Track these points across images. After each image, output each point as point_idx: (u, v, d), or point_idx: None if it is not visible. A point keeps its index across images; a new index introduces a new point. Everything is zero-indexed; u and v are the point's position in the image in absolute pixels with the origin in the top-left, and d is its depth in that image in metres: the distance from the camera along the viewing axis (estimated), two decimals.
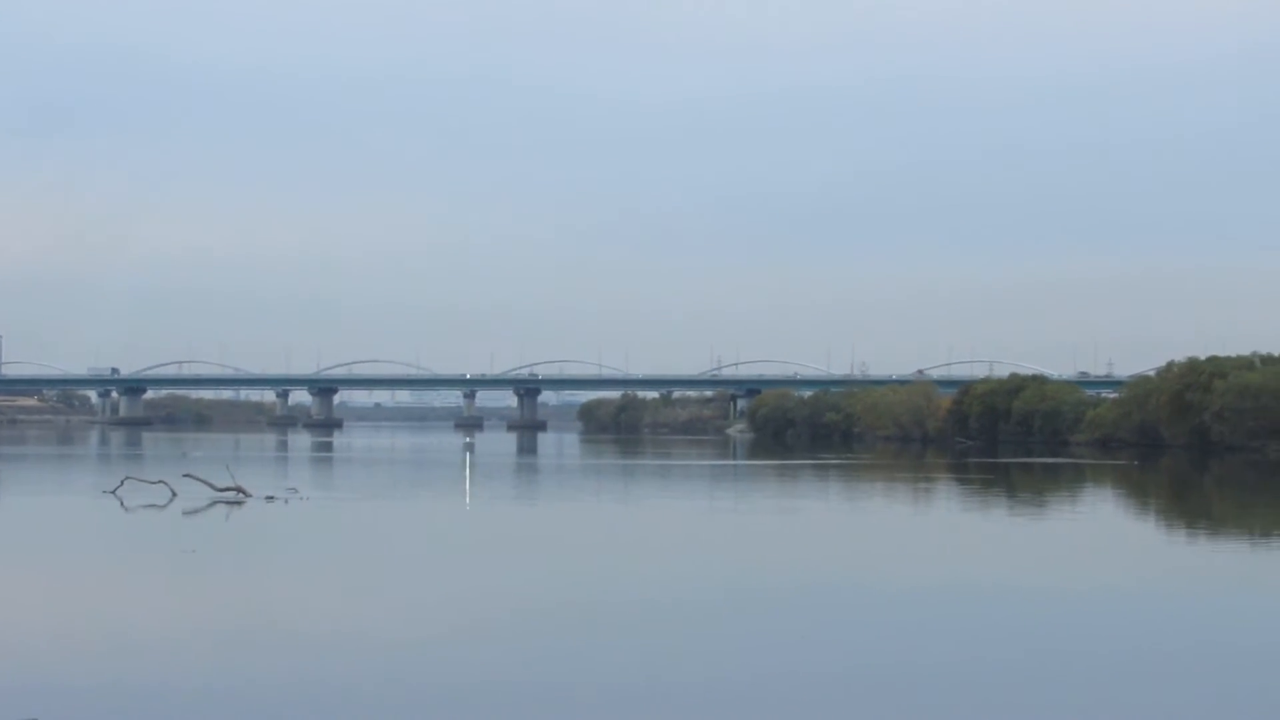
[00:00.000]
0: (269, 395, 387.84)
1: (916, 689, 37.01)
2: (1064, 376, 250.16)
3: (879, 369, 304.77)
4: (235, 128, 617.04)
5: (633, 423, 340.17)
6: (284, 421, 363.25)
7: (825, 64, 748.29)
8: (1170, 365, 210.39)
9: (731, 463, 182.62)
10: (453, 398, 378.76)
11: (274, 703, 36.37)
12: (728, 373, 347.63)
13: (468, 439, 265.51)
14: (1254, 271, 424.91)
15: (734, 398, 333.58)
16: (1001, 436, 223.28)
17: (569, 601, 59.16)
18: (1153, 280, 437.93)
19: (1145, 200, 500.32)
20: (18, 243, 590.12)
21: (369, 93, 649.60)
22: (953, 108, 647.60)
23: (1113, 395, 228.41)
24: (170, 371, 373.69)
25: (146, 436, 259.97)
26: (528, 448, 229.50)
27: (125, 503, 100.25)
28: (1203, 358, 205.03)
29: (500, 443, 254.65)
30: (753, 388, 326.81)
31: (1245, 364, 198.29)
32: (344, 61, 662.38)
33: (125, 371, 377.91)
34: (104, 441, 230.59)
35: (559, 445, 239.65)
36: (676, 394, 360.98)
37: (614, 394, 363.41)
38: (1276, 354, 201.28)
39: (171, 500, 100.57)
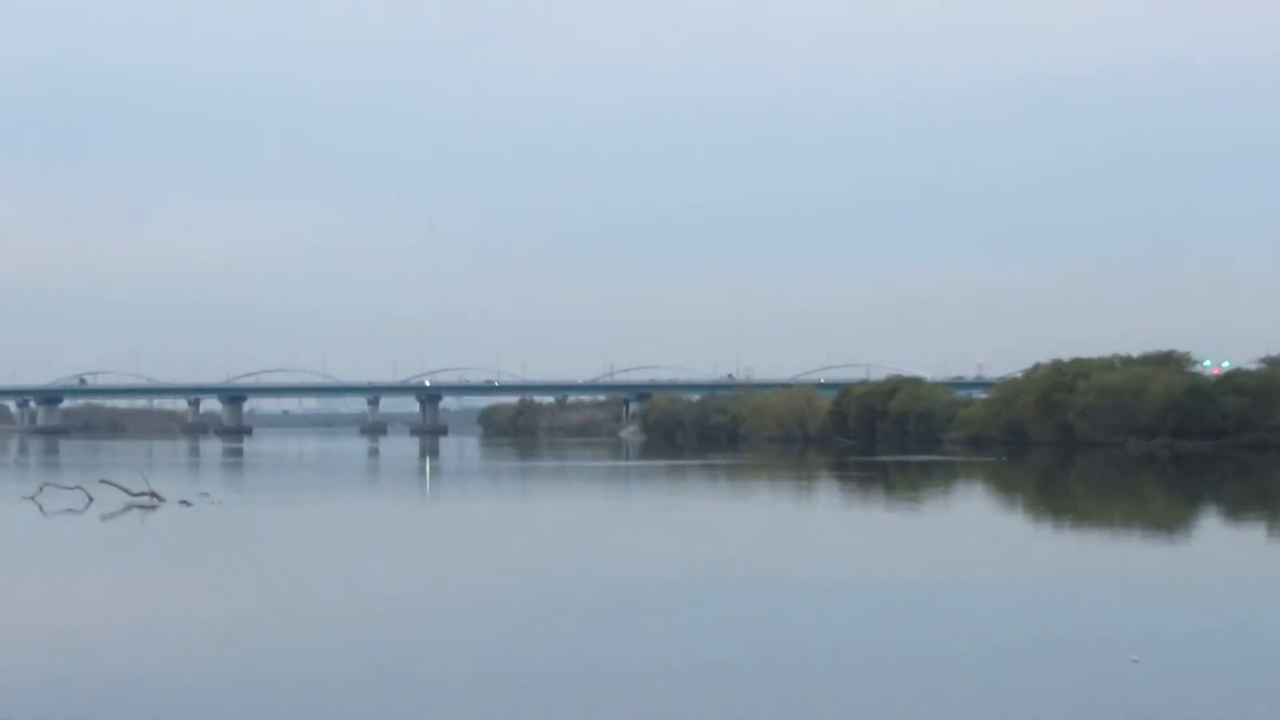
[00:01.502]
0: (181, 403, 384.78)
1: (792, 677, 39.12)
2: (938, 379, 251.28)
3: (763, 374, 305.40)
4: (148, 138, 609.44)
5: (530, 426, 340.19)
6: (196, 429, 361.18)
7: (700, 76, 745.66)
8: (1037, 367, 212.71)
9: (624, 463, 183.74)
10: (358, 404, 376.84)
11: (169, 690, 38.34)
12: (620, 378, 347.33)
13: (372, 442, 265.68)
14: (1113, 281, 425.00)
15: (626, 402, 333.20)
16: (879, 436, 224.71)
17: (461, 595, 61.39)
18: (1020, 291, 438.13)
19: (1013, 217, 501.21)
20: None
21: (274, 104, 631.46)
22: (825, 129, 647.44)
23: (983, 396, 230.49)
24: (86, 381, 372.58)
25: (64, 445, 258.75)
26: (430, 451, 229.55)
27: (44, 508, 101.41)
28: (1067, 360, 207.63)
29: (404, 447, 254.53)
30: (644, 392, 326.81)
31: (1106, 365, 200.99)
32: (249, 72, 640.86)
33: (40, 382, 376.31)
34: (23, 450, 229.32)
35: (460, 449, 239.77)
36: (571, 398, 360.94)
37: (512, 399, 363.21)
38: (1135, 356, 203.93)
39: (89, 505, 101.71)
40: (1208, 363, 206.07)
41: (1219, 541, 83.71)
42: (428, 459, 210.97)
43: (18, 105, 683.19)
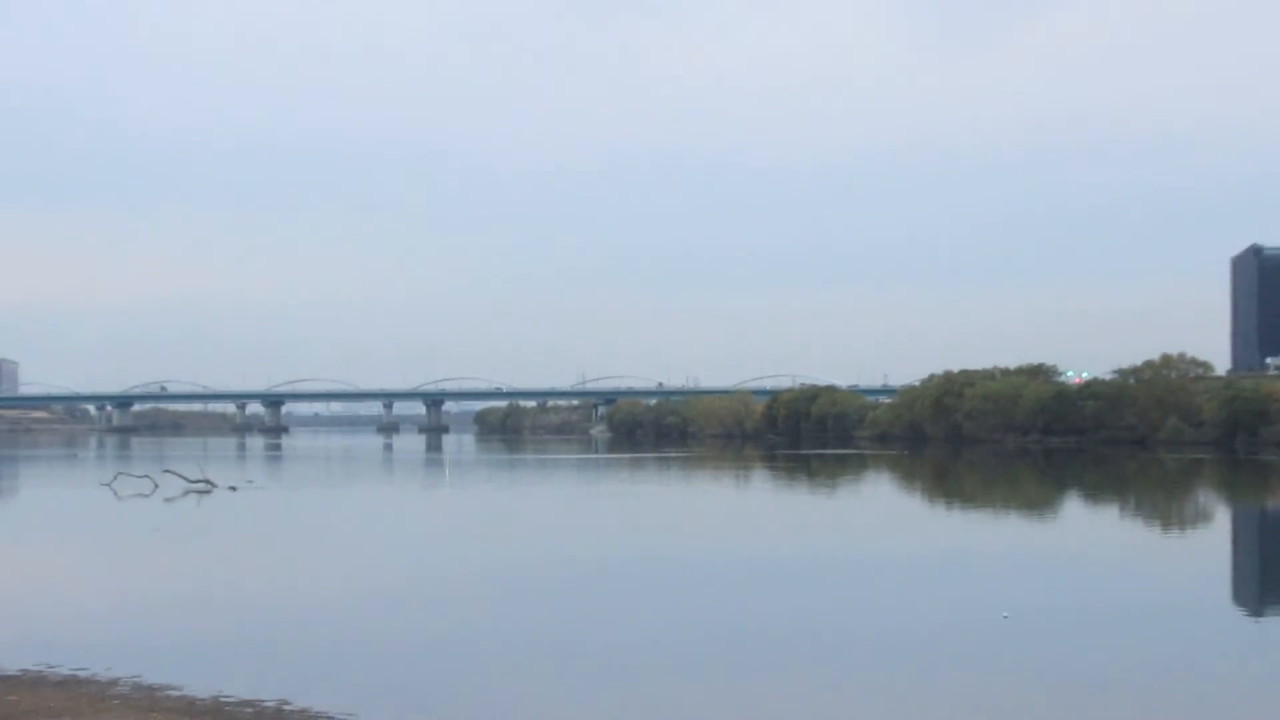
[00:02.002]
0: (230, 407, 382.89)
1: (744, 638, 39.46)
2: (851, 386, 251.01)
3: (708, 382, 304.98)
4: (214, 199, 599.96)
5: (516, 426, 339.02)
6: (242, 428, 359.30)
7: (679, 138, 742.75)
8: (932, 376, 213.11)
9: (594, 456, 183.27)
10: (375, 407, 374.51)
11: (223, 642, 38.56)
12: (590, 386, 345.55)
13: (387, 440, 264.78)
14: (990, 303, 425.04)
15: (595, 405, 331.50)
16: (803, 433, 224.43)
17: (465, 567, 61.67)
18: (917, 310, 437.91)
19: (898, 251, 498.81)
20: (32, 281, 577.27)
21: (318, 167, 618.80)
22: (775, 189, 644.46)
23: (888, 400, 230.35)
24: (153, 389, 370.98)
25: (134, 441, 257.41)
26: (435, 447, 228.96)
27: (118, 493, 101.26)
28: (956, 370, 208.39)
29: (413, 443, 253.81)
30: (610, 397, 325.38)
31: (988, 375, 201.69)
32: (283, 136, 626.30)
33: (116, 389, 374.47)
34: (101, 446, 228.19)
35: (459, 445, 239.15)
36: (550, 403, 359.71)
37: (501, 403, 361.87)
38: (1012, 367, 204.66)
39: (154, 490, 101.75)
40: (1070, 374, 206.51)
41: (1078, 519, 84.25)
42: (433, 453, 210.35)
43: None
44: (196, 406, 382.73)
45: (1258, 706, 29.24)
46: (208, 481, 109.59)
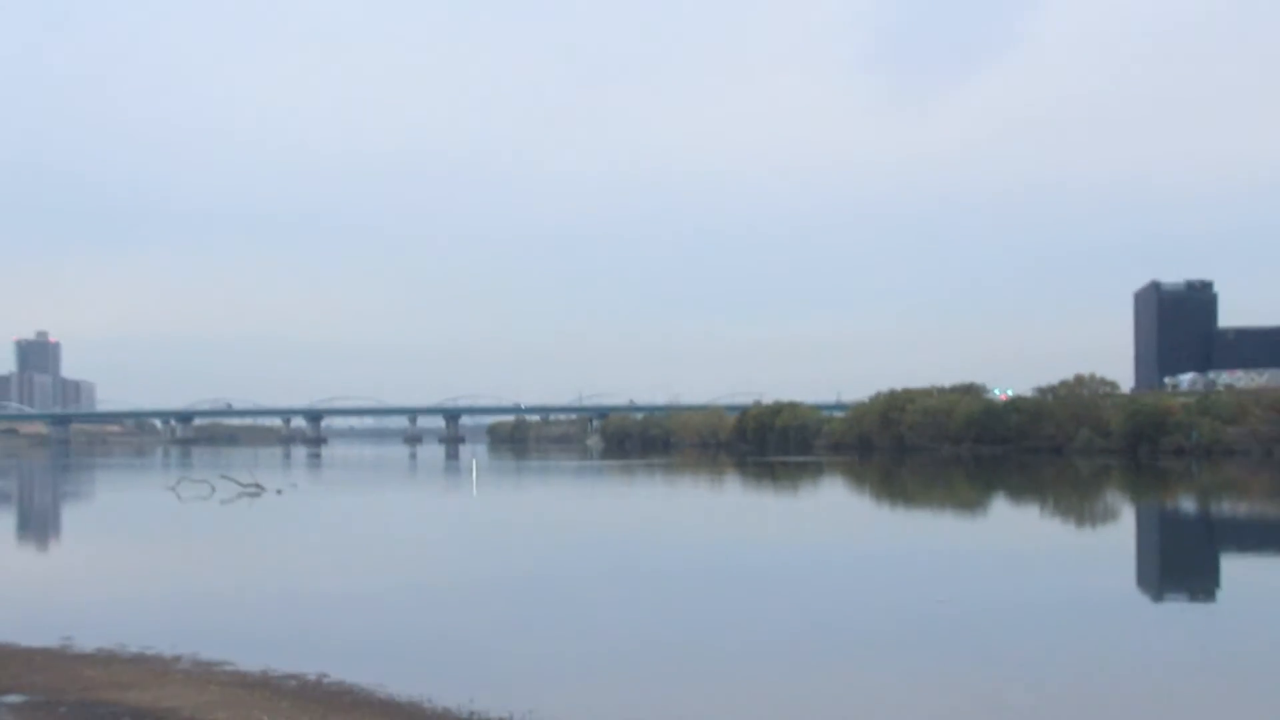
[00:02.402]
0: (277, 421, 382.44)
1: (716, 590, 39.51)
2: (810, 402, 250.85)
3: (688, 399, 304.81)
4: (263, 248, 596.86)
5: (523, 437, 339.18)
6: (287, 439, 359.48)
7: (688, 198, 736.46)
8: (879, 394, 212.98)
9: (590, 463, 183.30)
10: (401, 421, 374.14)
11: (264, 618, 38.67)
12: (587, 402, 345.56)
13: (412, 450, 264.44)
14: (932, 333, 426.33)
15: (591, 419, 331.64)
16: (769, 443, 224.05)
17: (497, 554, 61.68)
18: (867, 338, 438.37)
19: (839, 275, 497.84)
20: (107, 314, 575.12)
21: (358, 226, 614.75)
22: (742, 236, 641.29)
23: (841, 415, 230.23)
24: (219, 404, 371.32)
25: (195, 451, 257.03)
26: (453, 455, 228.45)
27: (180, 495, 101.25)
28: (900, 389, 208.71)
29: (435, 452, 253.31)
30: (603, 412, 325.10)
31: (927, 393, 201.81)
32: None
33: (179, 406, 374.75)
34: (166, 455, 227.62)
35: (473, 453, 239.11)
36: (552, 417, 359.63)
37: (510, 417, 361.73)
38: (946, 386, 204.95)
39: (212, 493, 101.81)
40: (997, 391, 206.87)
41: (1003, 516, 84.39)
42: (451, 461, 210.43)
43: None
44: (248, 421, 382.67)
45: (1160, 676, 29.41)
46: (258, 485, 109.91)
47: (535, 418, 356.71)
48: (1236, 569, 56.96)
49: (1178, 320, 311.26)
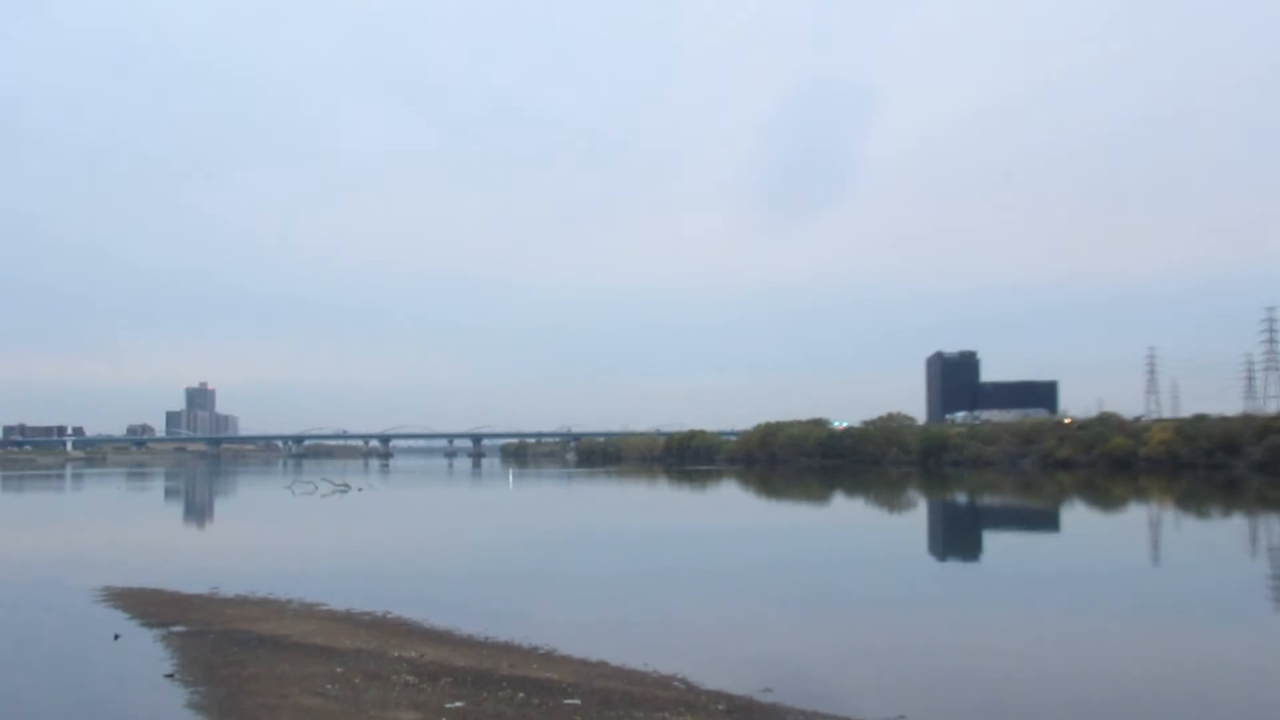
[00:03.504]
0: (359, 442, 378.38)
1: (656, 576, 39.32)
2: (714, 429, 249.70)
3: (635, 427, 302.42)
4: (350, 323, 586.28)
5: (524, 453, 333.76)
6: (366, 455, 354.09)
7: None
8: (759, 425, 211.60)
9: (568, 471, 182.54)
10: (443, 442, 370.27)
11: (367, 575, 38.24)
12: (567, 430, 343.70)
13: (450, 463, 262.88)
14: (794, 384, 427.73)
15: (569, 441, 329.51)
16: (686, 457, 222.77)
17: (500, 528, 61.32)
18: (748, 387, 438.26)
19: (735, 346, 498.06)
20: (249, 366, 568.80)
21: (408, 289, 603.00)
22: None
23: (734, 438, 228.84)
24: (325, 430, 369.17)
25: (304, 463, 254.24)
26: (476, 466, 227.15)
27: (294, 492, 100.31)
28: (773, 421, 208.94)
29: (464, 463, 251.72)
30: (577, 436, 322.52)
31: (791, 425, 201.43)
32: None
33: (293, 431, 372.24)
34: (284, 466, 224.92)
35: (491, 465, 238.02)
36: (543, 440, 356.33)
37: (515, 440, 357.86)
38: (803, 419, 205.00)
39: (315, 491, 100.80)
40: (836, 423, 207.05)
41: (839, 504, 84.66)
42: (478, 470, 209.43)
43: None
44: (340, 442, 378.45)
45: (932, 609, 29.64)
46: (345, 485, 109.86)
47: (532, 440, 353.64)
48: (991, 536, 57.67)
49: (954, 377, 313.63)
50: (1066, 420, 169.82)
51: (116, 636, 23.27)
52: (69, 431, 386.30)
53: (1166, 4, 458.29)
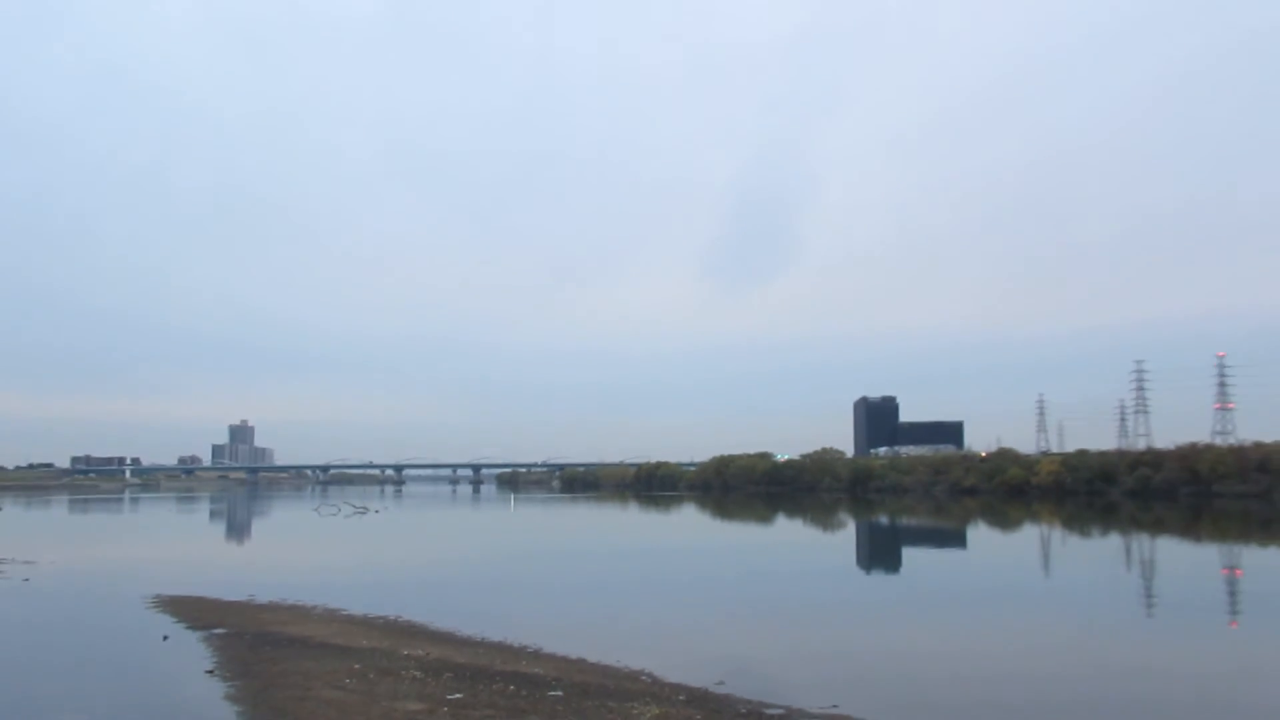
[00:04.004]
0: (377, 471, 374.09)
1: (628, 589, 39.05)
2: (677, 461, 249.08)
3: (610, 458, 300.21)
4: (372, 378, 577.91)
5: (515, 482, 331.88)
6: (383, 482, 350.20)
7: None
8: (714, 457, 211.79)
9: (554, 497, 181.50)
10: (447, 472, 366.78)
11: (388, 583, 37.68)
12: (553, 461, 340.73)
13: (453, 489, 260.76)
14: (745, 425, 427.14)
15: (555, 471, 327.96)
16: (653, 485, 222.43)
17: (495, 545, 60.75)
18: (705, 425, 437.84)
19: (692, 395, 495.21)
20: (274, 407, 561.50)
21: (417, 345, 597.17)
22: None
23: (694, 469, 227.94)
24: (339, 462, 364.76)
25: (330, 489, 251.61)
26: (476, 493, 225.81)
27: (320, 513, 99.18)
28: (725, 455, 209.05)
29: (465, 490, 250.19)
30: (562, 467, 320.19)
31: (741, 457, 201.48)
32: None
33: (321, 461, 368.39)
34: (313, 492, 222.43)
35: (488, 491, 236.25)
36: (533, 470, 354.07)
37: (509, 470, 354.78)
38: (752, 453, 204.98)
39: (338, 513, 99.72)
40: (779, 455, 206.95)
41: (781, 525, 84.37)
42: (476, 496, 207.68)
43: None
44: (360, 471, 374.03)
45: (861, 614, 29.56)
46: (365, 507, 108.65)
47: (523, 470, 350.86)
48: (910, 552, 57.62)
49: (877, 418, 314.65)
50: (973, 454, 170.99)
51: (165, 638, 22.91)
52: (128, 461, 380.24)
53: (1042, 112, 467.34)
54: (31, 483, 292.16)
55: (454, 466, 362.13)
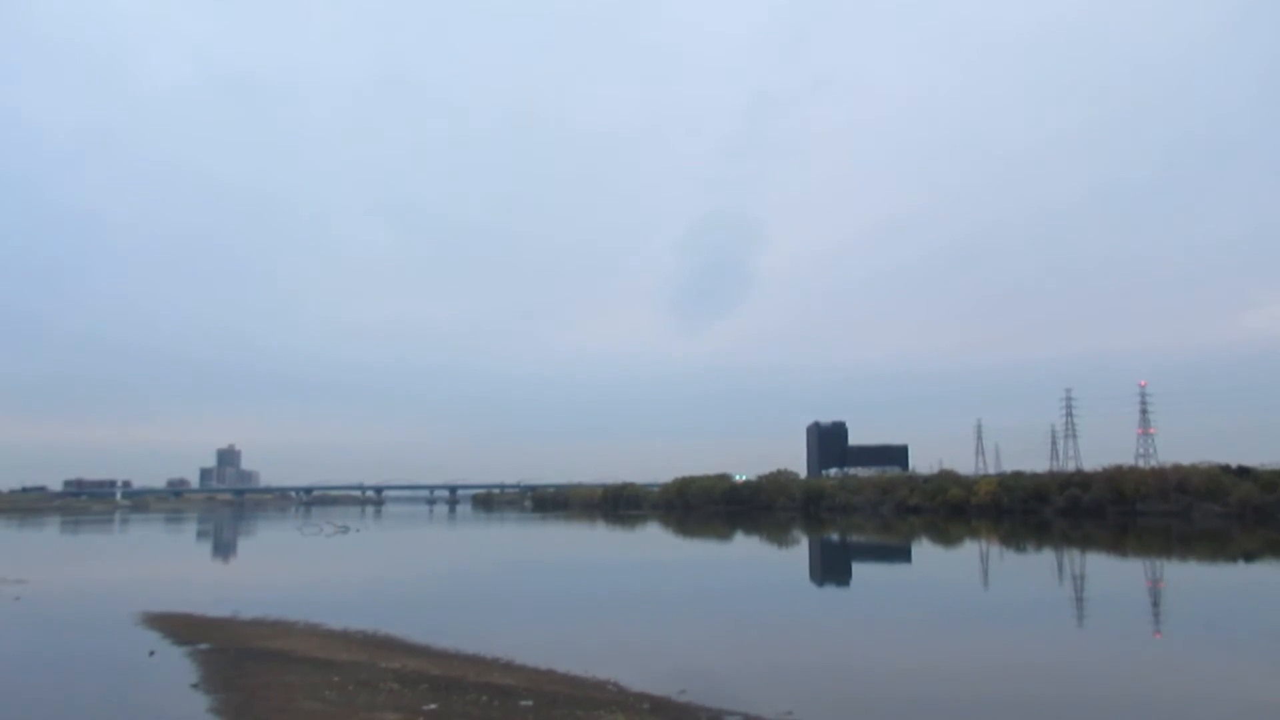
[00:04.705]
0: (358, 493, 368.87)
1: (603, 600, 38.69)
2: (642, 482, 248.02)
3: (579, 479, 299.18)
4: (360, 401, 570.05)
5: (489, 502, 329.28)
6: (362, 503, 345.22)
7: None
8: (677, 478, 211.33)
9: (526, 516, 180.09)
10: (425, 493, 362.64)
11: (357, 598, 37.11)
12: (525, 482, 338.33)
13: (431, 509, 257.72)
14: (711, 446, 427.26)
15: (527, 492, 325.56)
16: (619, 505, 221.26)
17: (469, 561, 59.96)
18: (670, 448, 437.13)
19: (656, 419, 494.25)
20: (254, 430, 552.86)
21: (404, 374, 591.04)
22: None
23: (658, 489, 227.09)
24: (321, 484, 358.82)
25: (313, 510, 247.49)
26: (451, 513, 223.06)
27: (302, 532, 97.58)
28: (687, 476, 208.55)
29: (441, 510, 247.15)
30: (534, 488, 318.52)
31: (702, 478, 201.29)
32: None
33: (306, 483, 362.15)
34: (296, 513, 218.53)
35: (464, 511, 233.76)
36: (506, 491, 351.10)
37: (484, 491, 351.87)
38: (713, 474, 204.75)
39: (320, 532, 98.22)
40: (738, 476, 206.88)
41: (738, 542, 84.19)
42: (452, 517, 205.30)
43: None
44: (342, 492, 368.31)
45: (813, 625, 29.56)
46: (346, 527, 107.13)
47: (497, 490, 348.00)
48: (859, 568, 57.69)
49: (828, 441, 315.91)
50: (917, 475, 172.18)
51: (151, 653, 22.43)
52: (119, 484, 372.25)
53: (969, 163, 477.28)
54: (25, 506, 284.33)
55: (431, 488, 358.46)
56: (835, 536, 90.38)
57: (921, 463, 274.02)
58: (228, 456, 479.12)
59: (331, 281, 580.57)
